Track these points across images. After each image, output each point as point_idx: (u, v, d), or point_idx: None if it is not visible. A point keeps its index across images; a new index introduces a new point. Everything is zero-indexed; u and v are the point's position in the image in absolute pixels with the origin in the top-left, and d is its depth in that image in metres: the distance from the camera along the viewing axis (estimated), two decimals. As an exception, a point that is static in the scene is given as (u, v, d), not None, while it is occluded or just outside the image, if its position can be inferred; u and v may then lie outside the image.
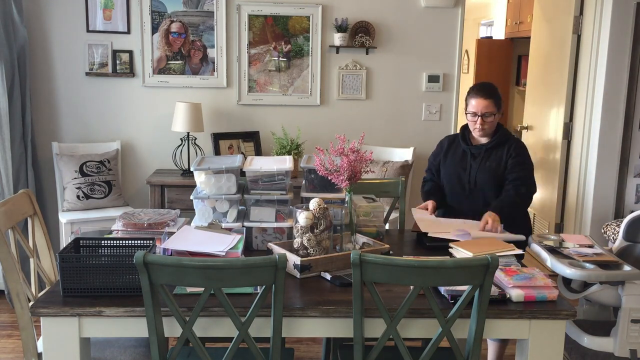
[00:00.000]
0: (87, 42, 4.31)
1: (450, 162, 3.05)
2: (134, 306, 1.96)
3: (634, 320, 2.40)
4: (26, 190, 2.61)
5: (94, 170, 4.15)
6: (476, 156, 2.98)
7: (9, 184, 3.98)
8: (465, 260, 1.91)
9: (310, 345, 3.51)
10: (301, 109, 4.52)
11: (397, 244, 2.74)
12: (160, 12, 4.31)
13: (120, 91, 4.40)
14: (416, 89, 4.56)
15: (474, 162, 2.97)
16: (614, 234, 3.72)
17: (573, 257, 2.41)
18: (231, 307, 1.85)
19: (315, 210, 2.32)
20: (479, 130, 2.94)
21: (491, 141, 2.97)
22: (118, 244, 2.23)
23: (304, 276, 2.23)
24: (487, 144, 2.98)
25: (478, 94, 2.92)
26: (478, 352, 1.95)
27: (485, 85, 2.99)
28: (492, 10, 7.98)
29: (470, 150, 3.00)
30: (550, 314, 2.01)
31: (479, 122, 2.91)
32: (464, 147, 3.02)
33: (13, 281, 2.25)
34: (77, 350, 1.99)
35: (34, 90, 4.30)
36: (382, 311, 1.89)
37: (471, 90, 2.99)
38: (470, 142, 3.03)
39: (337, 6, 4.41)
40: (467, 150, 3.00)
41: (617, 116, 4.12)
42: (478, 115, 2.91)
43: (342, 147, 2.44)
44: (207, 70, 4.41)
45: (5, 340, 3.54)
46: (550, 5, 4.85)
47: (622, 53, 4.05)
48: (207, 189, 2.58)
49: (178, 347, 1.93)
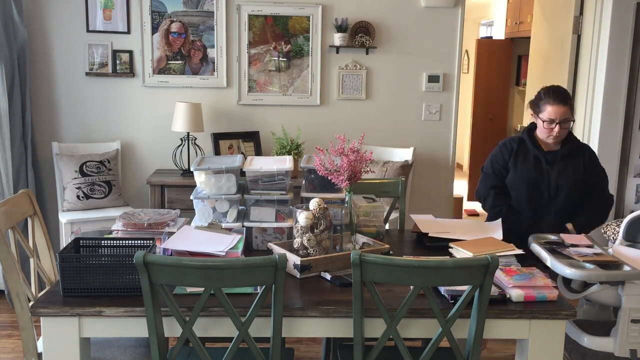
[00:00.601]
0: (87, 42, 4.31)
1: (523, 167, 2.93)
2: (134, 306, 1.96)
3: (634, 320, 2.40)
4: (26, 190, 2.61)
5: (94, 170, 4.15)
6: (552, 162, 2.88)
7: (9, 184, 3.98)
8: (465, 260, 1.91)
9: (310, 345, 3.51)
10: (301, 109, 4.52)
11: (397, 244, 2.74)
12: (160, 12, 4.31)
13: (120, 91, 4.40)
14: (416, 89, 4.56)
15: (551, 168, 2.88)
16: (614, 234, 3.72)
17: (573, 257, 2.41)
18: (231, 307, 1.85)
19: (315, 210, 2.32)
20: (554, 138, 2.85)
21: (565, 148, 2.90)
22: (118, 244, 2.23)
23: (304, 276, 2.23)
24: (561, 151, 2.89)
25: (555, 101, 2.81)
26: (478, 352, 1.95)
27: (560, 91, 2.87)
28: (492, 10, 7.98)
29: (544, 156, 2.89)
30: (550, 314, 2.01)
31: (556, 129, 2.81)
32: (535, 152, 2.91)
33: (13, 281, 2.25)
34: (77, 350, 1.99)
35: (34, 90, 4.30)
36: (382, 311, 1.89)
37: (546, 95, 2.86)
38: (540, 147, 2.93)
39: (337, 6, 4.41)
40: (541, 156, 2.90)
41: (617, 116, 4.13)
42: (556, 122, 2.80)
43: (342, 147, 2.44)
44: (207, 70, 4.41)
45: (5, 340, 3.54)
46: (550, 5, 4.85)
47: (622, 53, 4.05)
48: (207, 189, 2.58)
49: (178, 347, 1.93)
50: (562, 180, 2.88)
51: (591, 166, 2.93)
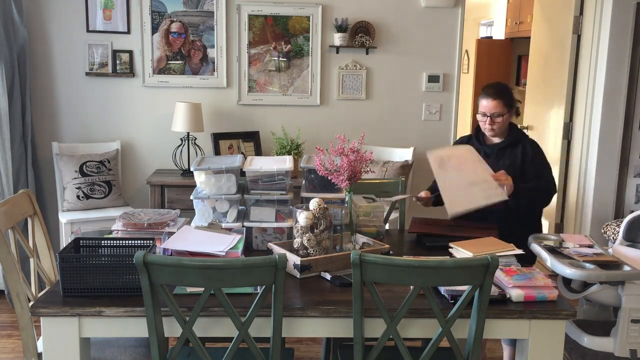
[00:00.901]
0: (87, 42, 4.31)
1: None
2: (134, 306, 1.96)
3: (634, 320, 2.40)
4: (26, 190, 2.61)
5: (94, 170, 4.15)
6: (489, 155, 2.99)
7: (9, 184, 3.98)
8: (465, 260, 1.91)
9: (310, 345, 3.51)
10: (301, 109, 4.52)
11: (397, 244, 2.74)
12: (160, 12, 4.31)
13: (120, 91, 4.40)
14: (416, 89, 4.56)
15: (488, 161, 2.95)
16: (614, 234, 3.72)
17: (573, 257, 2.41)
18: (231, 307, 1.85)
19: (315, 210, 2.32)
20: (489, 130, 2.98)
21: (504, 141, 3.00)
22: (118, 244, 2.23)
23: (304, 276, 2.23)
24: (500, 144, 3.01)
25: (487, 95, 2.95)
26: (478, 352, 1.95)
27: (494, 86, 3.00)
28: (492, 10, 7.98)
29: (483, 149, 3.02)
30: (550, 314, 2.01)
31: (487, 122, 2.95)
32: (477, 146, 3.04)
33: (13, 281, 2.25)
34: (77, 350, 1.99)
35: (34, 90, 4.30)
36: (382, 311, 1.89)
37: (482, 90, 3.02)
38: (484, 141, 3.06)
39: (337, 6, 4.41)
40: (481, 150, 3.02)
41: (617, 116, 4.12)
42: (487, 115, 2.94)
43: (342, 147, 2.44)
44: (207, 70, 4.41)
45: (5, 340, 3.54)
46: (550, 5, 4.85)
47: (622, 53, 4.05)
48: (207, 189, 2.58)
49: (178, 347, 1.93)
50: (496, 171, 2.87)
51: (530, 158, 2.97)
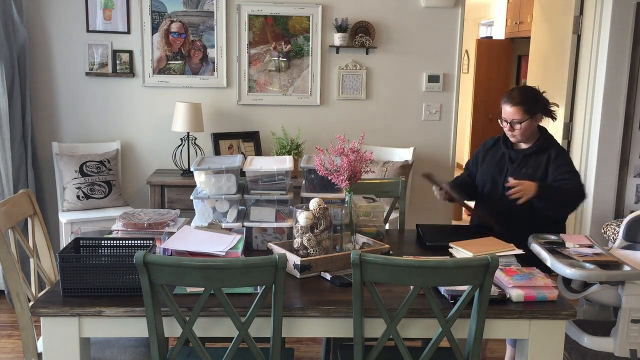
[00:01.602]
0: (87, 42, 4.31)
1: (488, 163, 3.00)
2: (134, 306, 1.96)
3: (634, 320, 2.40)
4: (26, 190, 2.61)
5: (94, 170, 4.15)
6: (514, 161, 2.92)
7: (9, 184, 3.98)
8: (465, 260, 1.91)
9: (310, 345, 3.51)
10: (301, 109, 4.52)
11: (397, 244, 2.74)
12: (160, 12, 4.31)
13: (120, 91, 4.40)
14: (416, 89, 4.56)
15: (511, 166, 2.91)
16: (614, 234, 3.72)
17: (573, 257, 2.41)
18: (231, 307, 1.85)
19: (315, 210, 2.32)
20: (511, 137, 2.91)
21: (530, 147, 2.91)
22: (118, 244, 2.23)
23: (304, 276, 2.23)
24: (526, 150, 2.92)
25: (507, 100, 2.86)
26: (478, 352, 1.95)
27: (515, 93, 2.90)
28: (492, 10, 7.98)
29: (509, 154, 2.94)
30: (550, 314, 2.01)
31: (507, 128, 2.87)
32: (504, 149, 2.97)
33: (13, 281, 2.25)
34: (77, 350, 1.99)
35: (34, 90, 4.29)
36: (382, 311, 1.89)
37: (504, 96, 2.93)
38: (511, 146, 2.97)
39: (337, 6, 4.41)
40: (506, 154, 2.95)
41: (617, 116, 4.12)
42: (507, 121, 2.86)
43: (342, 147, 2.44)
44: (207, 70, 4.41)
45: (5, 340, 3.54)
46: (550, 5, 4.85)
47: (622, 53, 4.05)
48: (207, 189, 2.58)
49: (178, 347, 1.93)
50: (518, 178, 2.84)
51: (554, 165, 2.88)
